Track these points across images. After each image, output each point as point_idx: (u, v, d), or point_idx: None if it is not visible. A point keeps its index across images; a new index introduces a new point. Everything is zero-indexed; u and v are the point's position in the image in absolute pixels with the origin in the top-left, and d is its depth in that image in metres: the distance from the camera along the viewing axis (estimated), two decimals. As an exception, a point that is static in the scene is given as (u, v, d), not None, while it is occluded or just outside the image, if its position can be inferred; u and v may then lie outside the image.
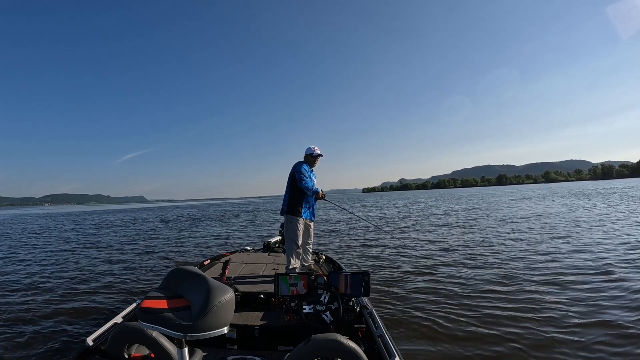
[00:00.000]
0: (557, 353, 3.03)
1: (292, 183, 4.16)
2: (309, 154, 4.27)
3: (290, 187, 4.17)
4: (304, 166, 4.13)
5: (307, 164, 4.22)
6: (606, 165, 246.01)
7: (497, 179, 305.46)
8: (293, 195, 4.14)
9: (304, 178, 4.03)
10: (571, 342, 3.19)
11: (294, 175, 4.12)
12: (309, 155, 4.27)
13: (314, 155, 4.26)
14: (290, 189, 4.18)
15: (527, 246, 7.90)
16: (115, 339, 1.86)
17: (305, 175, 4.07)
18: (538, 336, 3.34)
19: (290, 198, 4.15)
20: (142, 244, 11.53)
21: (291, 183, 4.17)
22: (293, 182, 4.14)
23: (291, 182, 4.16)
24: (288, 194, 4.19)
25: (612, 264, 5.77)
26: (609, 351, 3.01)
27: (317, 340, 1.51)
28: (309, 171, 4.18)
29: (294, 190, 4.14)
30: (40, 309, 4.64)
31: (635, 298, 4.18)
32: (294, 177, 4.11)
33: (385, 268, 6.43)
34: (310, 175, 4.15)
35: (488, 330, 3.51)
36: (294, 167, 4.17)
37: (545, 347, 3.14)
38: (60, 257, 9.30)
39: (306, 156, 4.30)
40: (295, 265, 4.04)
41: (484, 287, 4.94)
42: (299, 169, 4.08)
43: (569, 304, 4.14)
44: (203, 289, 1.36)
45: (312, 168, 4.27)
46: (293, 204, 4.12)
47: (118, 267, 7.50)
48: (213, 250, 9.46)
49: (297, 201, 4.12)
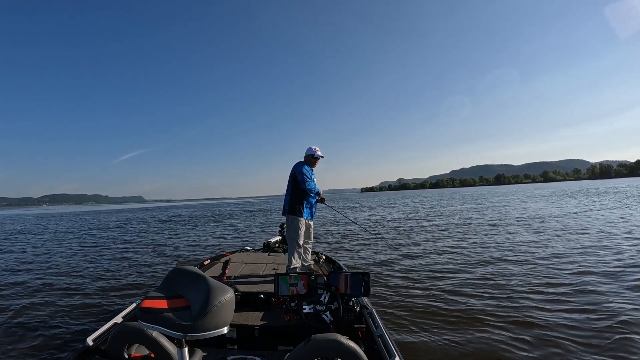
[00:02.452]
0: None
1: (293, 184, 4.15)
2: (310, 154, 4.25)
3: (292, 187, 4.17)
4: (305, 167, 4.11)
5: (308, 165, 4.20)
6: (605, 164, 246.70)
7: (495, 178, 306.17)
8: (294, 195, 4.14)
9: (306, 180, 4.04)
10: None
11: (295, 177, 4.12)
12: (310, 156, 4.25)
13: (315, 157, 4.25)
14: (291, 190, 4.17)
15: (530, 247, 7.91)
16: (115, 339, 1.86)
17: (308, 176, 4.07)
18: (540, 338, 3.35)
19: (292, 199, 4.15)
20: (142, 244, 11.51)
21: (292, 184, 4.16)
22: (294, 183, 4.14)
23: (292, 182, 4.16)
24: (289, 194, 4.19)
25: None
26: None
27: (317, 340, 1.51)
28: (311, 172, 4.17)
29: (295, 190, 4.14)
30: (40, 309, 4.62)
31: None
32: (295, 178, 4.10)
33: (385, 268, 6.43)
34: (312, 177, 4.16)
35: (489, 331, 3.52)
36: (295, 169, 4.15)
37: (549, 348, 3.15)
38: (60, 257, 9.27)
39: (307, 156, 4.27)
40: (296, 264, 4.06)
41: (484, 287, 4.94)
42: (301, 170, 4.07)
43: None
44: (203, 289, 1.36)
45: (312, 169, 4.26)
46: (294, 205, 4.13)
47: (118, 267, 7.48)
48: (213, 250, 9.46)
49: (298, 201, 4.12)
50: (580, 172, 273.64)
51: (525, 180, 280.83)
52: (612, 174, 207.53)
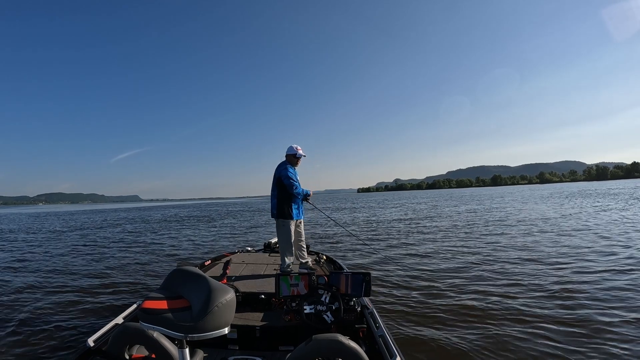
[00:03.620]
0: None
1: (278, 186, 4.08)
2: (292, 154, 4.15)
3: (278, 190, 4.09)
4: (289, 171, 4.03)
5: (290, 164, 4.13)
6: (601, 166, 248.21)
7: (491, 179, 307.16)
8: (281, 198, 4.08)
9: (294, 184, 3.99)
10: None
11: (280, 180, 4.05)
12: (292, 155, 4.16)
13: (297, 156, 4.17)
14: (277, 193, 4.09)
15: (530, 248, 7.94)
16: (116, 340, 1.85)
17: (294, 179, 4.03)
18: (542, 337, 3.36)
19: (279, 202, 4.09)
20: (141, 245, 11.45)
21: (278, 187, 4.08)
22: (279, 185, 4.07)
23: (278, 186, 4.08)
24: (275, 198, 4.11)
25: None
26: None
27: (318, 341, 1.51)
28: (295, 174, 4.11)
29: (282, 193, 4.07)
30: (40, 310, 4.60)
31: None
32: (281, 182, 4.04)
33: (385, 268, 6.43)
34: (297, 179, 4.11)
35: (490, 331, 3.52)
36: (280, 173, 4.06)
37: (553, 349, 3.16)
38: (59, 257, 9.19)
39: (288, 156, 4.19)
40: (289, 262, 4.06)
41: (485, 287, 4.95)
42: (287, 174, 4.00)
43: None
44: (204, 290, 1.37)
45: (295, 167, 4.18)
46: (283, 208, 4.07)
47: (118, 268, 7.44)
48: (213, 251, 9.44)
49: (287, 204, 4.08)
50: (576, 173, 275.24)
51: (522, 181, 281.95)
52: (608, 176, 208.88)
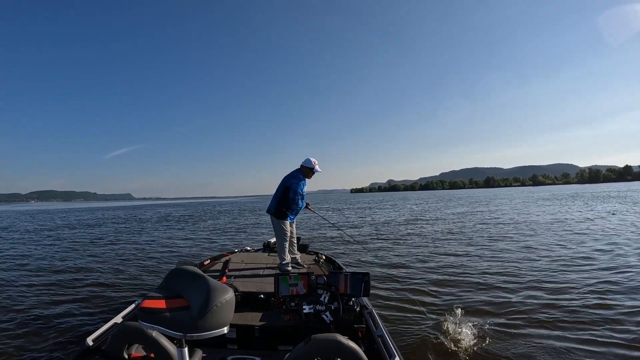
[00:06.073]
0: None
1: (284, 193, 4.24)
2: (309, 167, 4.27)
3: (282, 196, 4.26)
4: (301, 186, 4.19)
5: (304, 175, 4.27)
6: (593, 169, 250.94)
7: (484, 181, 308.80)
8: (283, 203, 4.26)
9: (297, 201, 4.19)
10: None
11: (287, 188, 4.20)
12: (309, 169, 4.28)
13: (313, 171, 4.30)
14: (281, 197, 4.26)
15: (530, 248, 8.00)
16: (115, 339, 1.84)
17: (300, 196, 4.21)
18: (543, 337, 3.39)
19: (279, 204, 4.27)
20: (139, 243, 11.36)
21: (283, 193, 4.24)
22: (285, 192, 4.23)
23: (283, 192, 4.24)
24: (277, 200, 4.30)
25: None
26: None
27: (317, 340, 1.51)
28: (304, 187, 4.25)
29: (284, 198, 4.24)
30: (38, 310, 4.56)
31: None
32: (288, 190, 4.19)
33: (385, 268, 6.46)
34: (304, 194, 4.29)
35: (490, 330, 3.54)
36: (291, 184, 4.19)
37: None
38: (58, 256, 9.05)
39: (304, 167, 4.30)
40: (287, 259, 4.19)
41: (484, 287, 5.00)
42: (296, 189, 4.16)
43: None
44: (203, 289, 1.36)
45: (307, 179, 4.34)
46: (281, 210, 4.27)
47: (117, 267, 7.37)
48: (213, 250, 9.40)
49: (286, 209, 4.28)
50: (569, 176, 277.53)
51: (515, 183, 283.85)
52: (600, 179, 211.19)
